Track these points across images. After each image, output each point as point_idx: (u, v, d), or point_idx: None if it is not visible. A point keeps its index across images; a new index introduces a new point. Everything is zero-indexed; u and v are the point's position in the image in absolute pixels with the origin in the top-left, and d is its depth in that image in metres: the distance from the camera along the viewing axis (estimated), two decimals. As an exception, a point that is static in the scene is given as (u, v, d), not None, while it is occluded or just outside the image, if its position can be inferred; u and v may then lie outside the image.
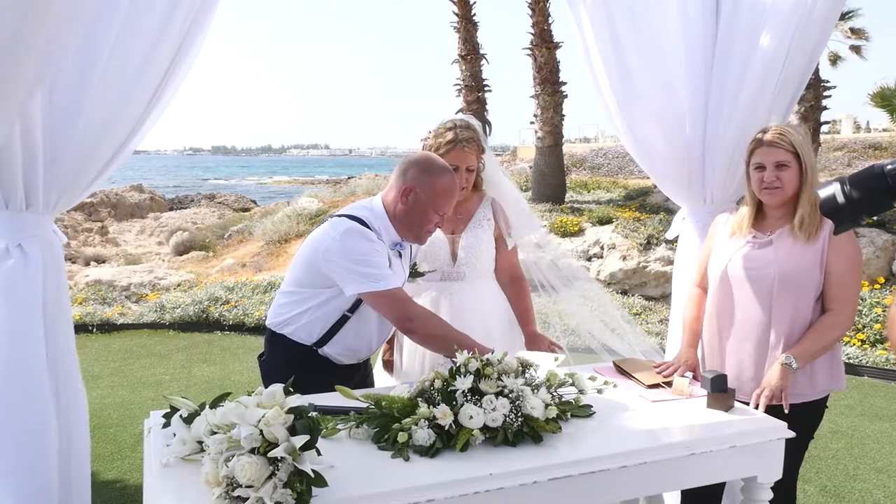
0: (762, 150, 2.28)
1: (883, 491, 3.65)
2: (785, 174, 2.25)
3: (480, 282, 2.77)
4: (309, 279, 2.31)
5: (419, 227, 2.33)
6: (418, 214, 2.30)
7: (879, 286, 7.07)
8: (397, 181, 2.32)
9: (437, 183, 2.28)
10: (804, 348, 2.20)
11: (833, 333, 2.24)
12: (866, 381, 5.58)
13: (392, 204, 2.32)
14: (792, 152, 2.24)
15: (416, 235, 2.37)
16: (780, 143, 2.25)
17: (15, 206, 2.17)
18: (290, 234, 11.81)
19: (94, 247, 15.85)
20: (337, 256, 2.20)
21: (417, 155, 2.40)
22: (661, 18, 2.74)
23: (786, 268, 2.24)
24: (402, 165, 2.34)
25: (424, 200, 2.28)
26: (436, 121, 2.73)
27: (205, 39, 2.38)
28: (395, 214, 2.32)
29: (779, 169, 2.25)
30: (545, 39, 11.72)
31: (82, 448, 2.39)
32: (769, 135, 2.27)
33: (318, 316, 2.32)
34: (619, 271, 8.17)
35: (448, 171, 2.35)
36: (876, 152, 16.30)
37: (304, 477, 1.46)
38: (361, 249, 2.19)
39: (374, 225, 2.28)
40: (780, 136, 2.25)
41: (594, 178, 17.31)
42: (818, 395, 2.31)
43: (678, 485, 2.15)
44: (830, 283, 2.24)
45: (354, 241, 2.20)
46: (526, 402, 1.81)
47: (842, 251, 2.23)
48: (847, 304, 2.24)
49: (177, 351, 6.45)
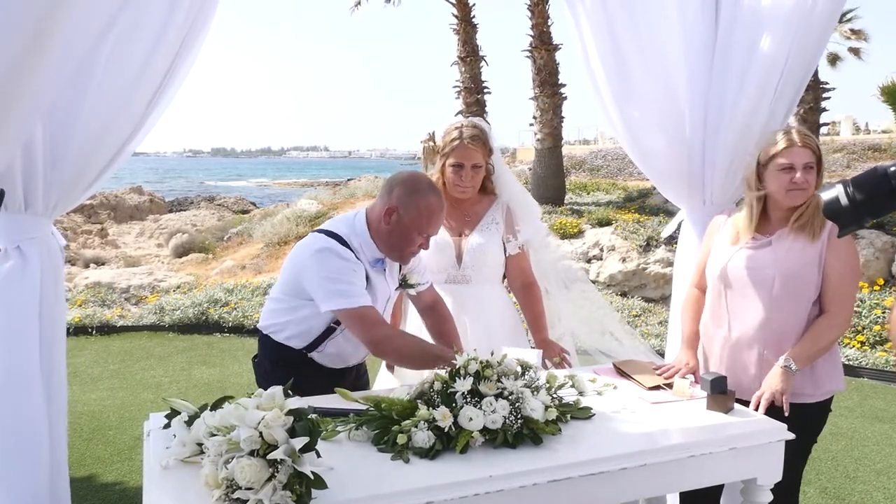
0: (792, 151, 2.27)
1: (883, 493, 3.65)
2: (810, 176, 2.27)
3: (486, 286, 2.75)
4: (293, 290, 2.30)
5: (401, 248, 2.29)
6: (400, 236, 2.25)
7: (879, 288, 7.07)
8: (382, 199, 2.27)
9: (422, 203, 2.21)
10: (803, 350, 2.20)
11: (831, 335, 2.24)
12: (866, 382, 5.58)
13: (375, 221, 2.27)
14: (816, 154, 2.27)
15: (399, 256, 2.33)
16: (808, 145, 2.27)
17: (14, 207, 2.16)
18: (290, 236, 11.80)
19: (94, 249, 15.85)
20: (310, 272, 2.19)
21: (405, 174, 2.33)
22: (660, 20, 2.74)
23: (785, 268, 2.25)
24: (389, 183, 2.29)
25: (407, 222, 2.22)
26: (435, 123, 2.75)
27: (204, 41, 2.38)
28: (377, 232, 2.27)
29: (807, 170, 2.26)
30: (544, 41, 11.74)
31: (62, 451, 2.38)
32: (797, 136, 2.28)
33: (304, 327, 2.31)
34: (618, 273, 8.17)
35: (435, 192, 2.27)
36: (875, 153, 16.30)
37: (304, 479, 1.45)
38: (333, 266, 2.16)
39: (353, 243, 2.24)
40: (807, 137, 2.28)
41: (593, 179, 17.34)
42: (822, 397, 2.31)
43: (678, 486, 2.15)
44: (828, 284, 2.24)
45: (327, 259, 2.17)
46: (525, 403, 1.81)
47: (840, 254, 2.24)
48: (844, 306, 2.25)
49: (176, 353, 6.44)
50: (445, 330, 2.54)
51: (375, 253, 2.29)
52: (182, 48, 2.30)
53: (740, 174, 2.76)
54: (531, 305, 2.81)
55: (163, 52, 2.24)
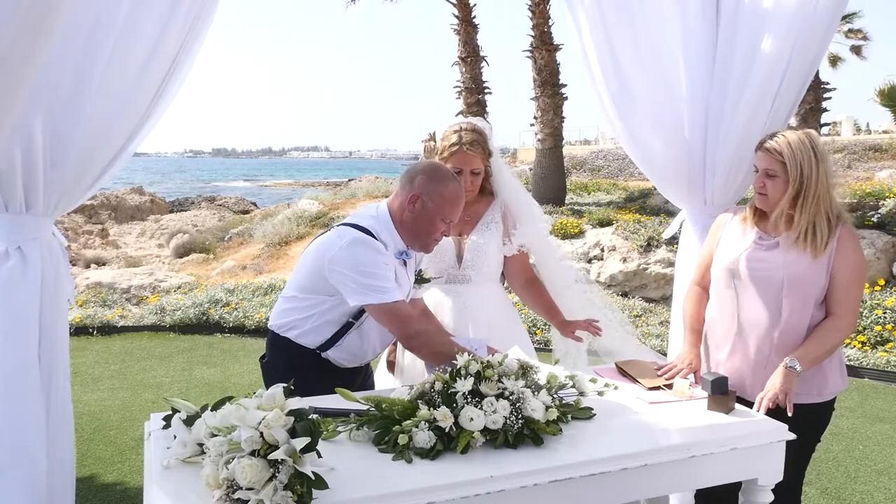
0: (758, 155, 2.31)
1: (884, 493, 3.65)
2: (770, 183, 2.26)
3: (486, 285, 2.76)
4: (313, 286, 2.30)
5: (426, 235, 2.32)
6: (426, 222, 2.29)
7: (880, 288, 7.07)
8: (404, 188, 2.30)
9: (445, 190, 2.27)
10: (808, 352, 2.20)
11: (836, 338, 2.25)
12: (867, 382, 5.57)
13: (398, 211, 2.31)
14: (780, 162, 2.24)
15: (422, 244, 2.36)
16: (771, 151, 2.25)
17: (15, 208, 2.16)
18: (291, 237, 11.81)
19: (95, 249, 15.85)
20: (342, 266, 2.18)
21: (424, 163, 2.39)
22: (660, 21, 2.74)
23: (793, 270, 2.24)
24: (408, 173, 2.32)
25: (432, 208, 2.26)
26: (435, 123, 2.75)
27: (205, 41, 2.38)
28: (401, 222, 2.31)
29: (767, 177, 2.27)
30: (545, 42, 11.75)
31: (68, 452, 2.37)
32: (769, 142, 2.28)
33: (321, 322, 2.32)
34: (619, 273, 8.17)
35: (454, 178, 2.34)
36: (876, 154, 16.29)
37: (305, 479, 1.46)
38: (368, 261, 2.18)
39: (381, 234, 2.26)
40: (775, 144, 2.26)
41: (594, 180, 17.34)
42: (827, 397, 2.32)
43: (679, 487, 2.15)
44: (835, 288, 2.24)
45: (361, 252, 2.18)
46: (526, 404, 1.81)
47: (848, 258, 2.24)
48: (850, 309, 2.25)
49: (177, 353, 6.44)
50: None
51: (400, 244, 2.32)
52: (183, 48, 2.29)
53: (741, 175, 2.76)
54: (540, 297, 2.82)
55: (164, 52, 2.23)
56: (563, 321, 2.76)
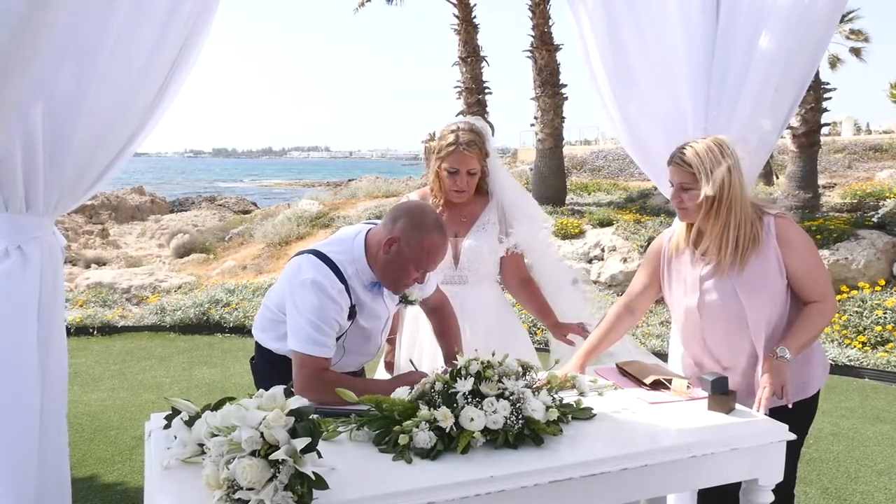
0: (670, 170, 2.26)
1: (884, 493, 3.65)
2: (686, 195, 2.23)
3: (483, 286, 2.76)
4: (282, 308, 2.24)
5: (396, 280, 2.22)
6: (397, 268, 2.18)
7: (880, 288, 7.06)
8: (385, 227, 2.19)
9: (425, 240, 2.13)
10: (795, 339, 2.18)
11: (821, 321, 2.24)
12: (867, 383, 5.58)
13: (374, 248, 2.20)
14: (692, 174, 2.20)
15: (391, 286, 2.26)
16: (682, 164, 2.22)
17: (15, 207, 2.16)
18: (291, 237, 11.82)
19: (95, 249, 15.86)
20: (297, 304, 2.13)
21: (412, 205, 2.25)
22: (662, 20, 2.74)
23: (751, 294, 2.21)
24: (395, 211, 2.21)
25: (408, 255, 2.14)
26: (436, 123, 2.74)
27: (206, 41, 2.37)
28: (374, 259, 2.20)
29: (682, 190, 2.23)
30: (545, 42, 11.76)
31: (63, 451, 2.37)
32: (678, 155, 2.22)
33: None
34: (619, 273, 8.17)
35: (440, 230, 2.18)
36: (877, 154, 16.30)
37: (305, 479, 1.45)
38: (320, 308, 2.10)
39: (347, 270, 2.18)
40: (685, 156, 2.21)
41: (594, 180, 17.35)
42: (812, 392, 2.31)
43: (679, 487, 2.15)
44: (800, 280, 2.22)
45: (317, 297, 2.10)
46: (527, 404, 1.81)
47: (797, 248, 2.21)
48: (825, 290, 2.24)
49: (177, 353, 6.45)
50: (446, 329, 2.54)
51: (371, 277, 2.24)
52: (184, 48, 2.29)
53: (741, 175, 2.76)
54: (534, 297, 2.82)
55: (165, 52, 2.23)
56: (555, 323, 2.76)
